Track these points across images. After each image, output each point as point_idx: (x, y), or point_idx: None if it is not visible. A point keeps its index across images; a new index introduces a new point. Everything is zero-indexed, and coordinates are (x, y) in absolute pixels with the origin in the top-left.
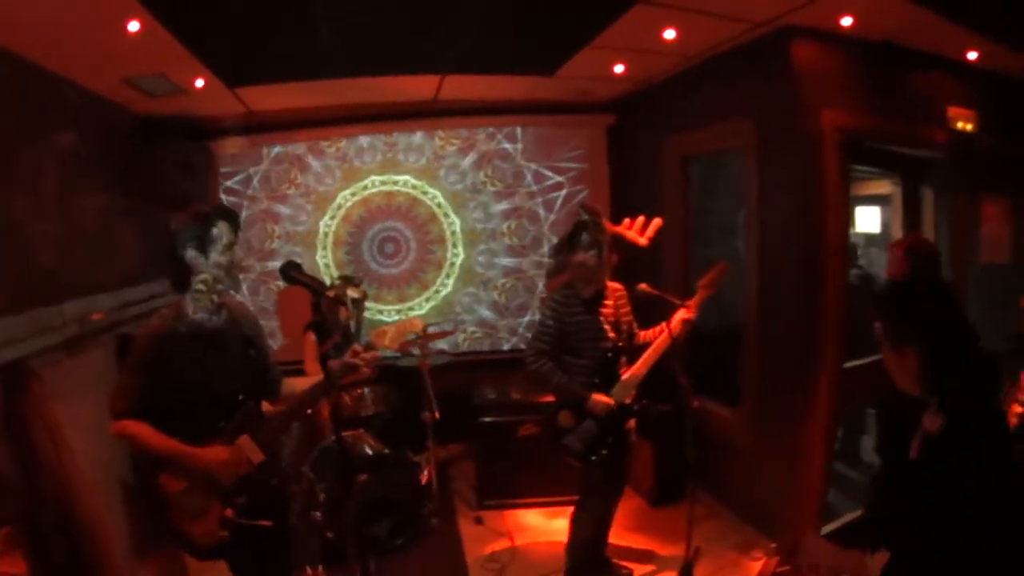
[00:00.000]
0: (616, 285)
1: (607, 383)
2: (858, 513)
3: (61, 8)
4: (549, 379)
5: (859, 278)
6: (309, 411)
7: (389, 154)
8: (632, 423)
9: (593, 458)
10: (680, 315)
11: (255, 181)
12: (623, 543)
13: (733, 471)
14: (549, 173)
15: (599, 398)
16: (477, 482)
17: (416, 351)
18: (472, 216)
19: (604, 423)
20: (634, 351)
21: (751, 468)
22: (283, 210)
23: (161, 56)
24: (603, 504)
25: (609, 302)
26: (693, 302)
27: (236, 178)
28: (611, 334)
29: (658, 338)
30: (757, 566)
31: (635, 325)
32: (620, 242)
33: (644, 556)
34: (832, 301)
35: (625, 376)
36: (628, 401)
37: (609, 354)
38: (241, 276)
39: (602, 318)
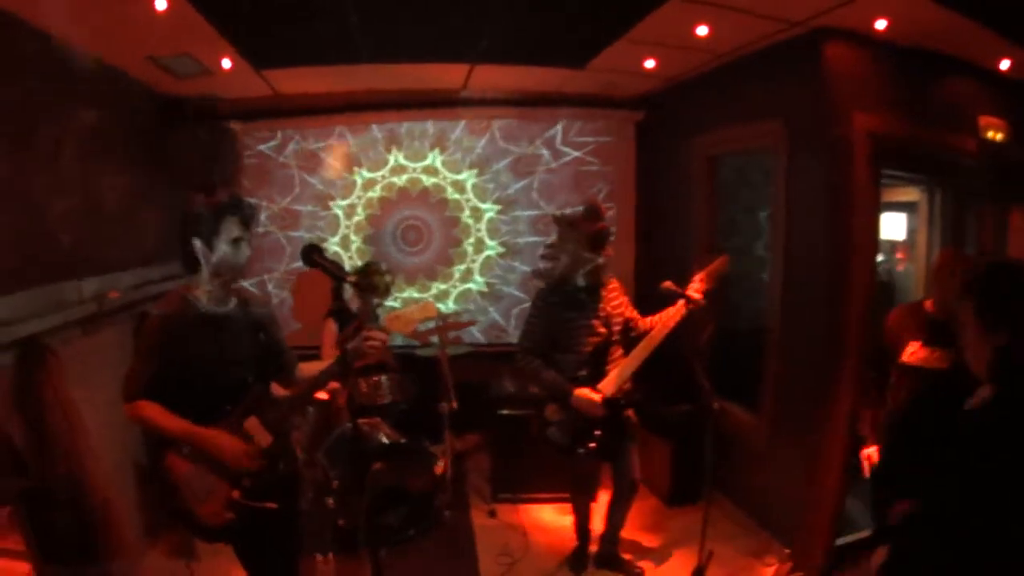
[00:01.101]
0: (610, 279)
1: (597, 376)
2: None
3: None
4: (537, 375)
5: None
6: (326, 396)
7: (415, 142)
8: (630, 413)
9: (580, 451)
10: (677, 307)
11: (289, 148)
12: (636, 542)
13: (750, 475)
14: (575, 163)
15: (583, 394)
16: (492, 475)
17: (435, 340)
18: (497, 209)
19: (591, 416)
20: (633, 342)
21: (769, 472)
22: (312, 182)
23: (188, 36)
24: (617, 499)
25: (601, 297)
26: (697, 292)
27: (271, 143)
28: (600, 329)
29: (655, 327)
30: (770, 572)
31: (633, 314)
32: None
33: (657, 556)
34: (857, 307)
35: (614, 370)
36: (618, 395)
37: (598, 348)
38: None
39: (592, 314)
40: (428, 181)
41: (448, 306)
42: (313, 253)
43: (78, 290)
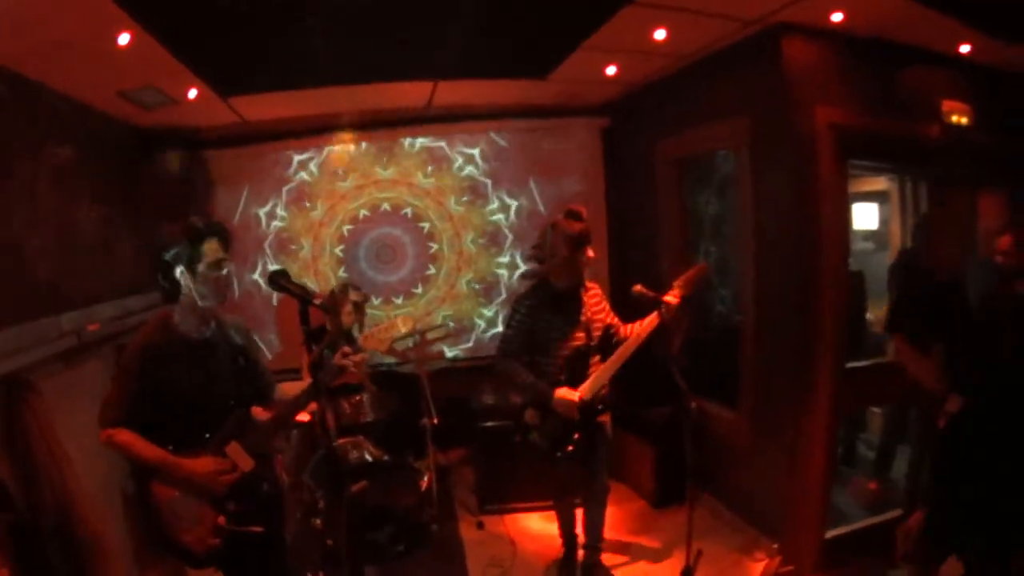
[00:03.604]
0: (590, 284)
1: (576, 381)
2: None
3: (52, 22)
4: (515, 379)
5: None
6: (307, 417)
7: (384, 160)
8: (605, 418)
9: (559, 454)
10: (651, 317)
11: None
12: (624, 545)
13: (734, 472)
14: (547, 178)
15: (563, 396)
16: (478, 487)
17: (413, 356)
18: (469, 224)
19: (570, 420)
20: (612, 348)
21: (751, 469)
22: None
23: (153, 68)
24: (590, 503)
25: (581, 302)
26: (671, 300)
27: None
28: (579, 334)
29: (631, 337)
30: (759, 567)
31: (614, 321)
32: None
33: (646, 558)
34: (830, 299)
35: (593, 374)
36: (595, 398)
37: (577, 353)
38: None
39: (572, 319)
40: (399, 198)
41: (426, 322)
42: (279, 278)
43: (57, 325)
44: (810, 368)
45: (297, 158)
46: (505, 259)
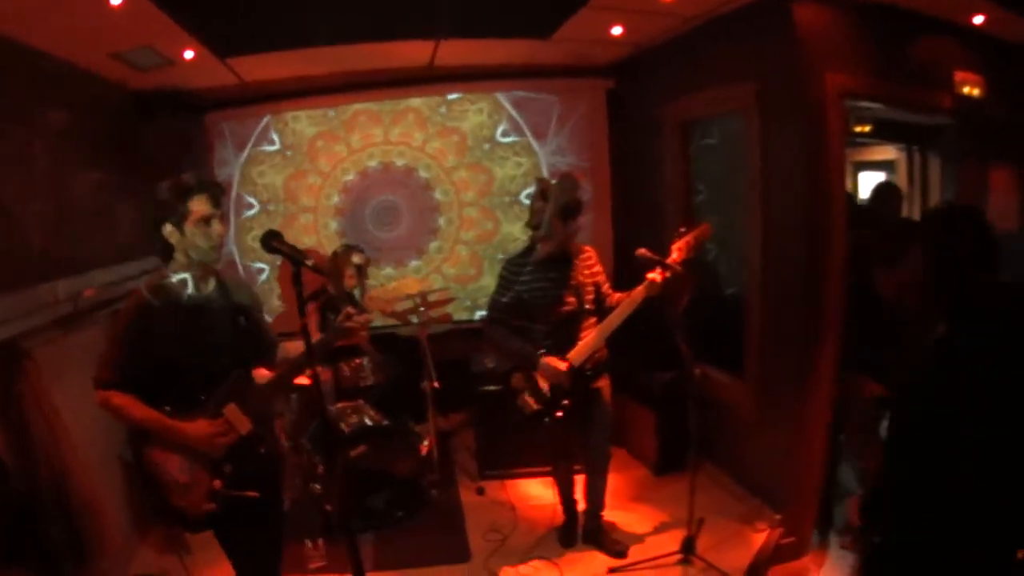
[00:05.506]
0: (583, 248)
1: (565, 347)
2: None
3: None
4: (501, 344)
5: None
6: (308, 381)
7: (385, 122)
8: (602, 384)
9: (547, 420)
10: (649, 278)
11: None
12: (625, 512)
13: (737, 441)
14: (551, 140)
15: (550, 361)
16: (478, 452)
17: (415, 319)
18: (471, 185)
19: (559, 385)
20: (605, 314)
21: (755, 438)
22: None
23: (148, 28)
24: (590, 470)
25: (573, 266)
26: (673, 261)
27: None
28: (569, 299)
29: (625, 301)
30: (761, 538)
31: (605, 287)
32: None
33: (648, 526)
34: (835, 267)
35: (583, 340)
36: (587, 364)
37: (567, 318)
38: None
39: (561, 283)
40: (399, 159)
41: (429, 284)
42: (272, 239)
43: (53, 291)
44: (816, 338)
45: (296, 119)
46: (507, 220)
